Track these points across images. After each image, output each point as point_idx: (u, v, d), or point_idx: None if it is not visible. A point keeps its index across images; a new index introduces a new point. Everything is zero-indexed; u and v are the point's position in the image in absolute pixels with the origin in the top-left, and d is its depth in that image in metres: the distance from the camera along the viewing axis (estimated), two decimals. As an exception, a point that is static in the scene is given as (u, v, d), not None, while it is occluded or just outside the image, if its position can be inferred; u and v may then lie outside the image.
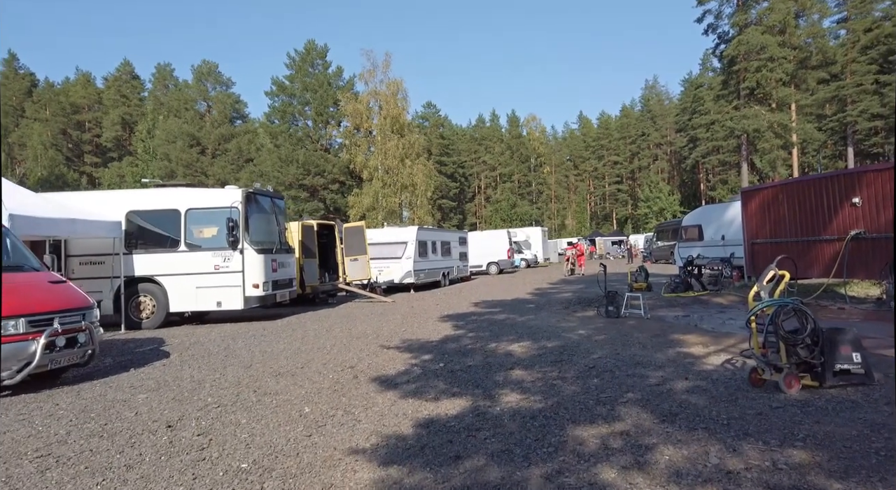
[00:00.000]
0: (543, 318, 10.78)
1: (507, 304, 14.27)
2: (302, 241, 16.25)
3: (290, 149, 50.56)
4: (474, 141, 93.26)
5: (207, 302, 12.33)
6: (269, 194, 13.77)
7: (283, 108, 52.95)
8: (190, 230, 12.45)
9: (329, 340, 9.12)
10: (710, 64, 73.44)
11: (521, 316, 11.40)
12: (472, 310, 13.20)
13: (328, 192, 52.46)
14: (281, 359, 7.62)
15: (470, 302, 15.35)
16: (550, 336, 8.47)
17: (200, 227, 12.60)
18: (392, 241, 21.33)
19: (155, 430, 4.51)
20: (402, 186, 48.71)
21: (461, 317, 11.74)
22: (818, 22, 41.68)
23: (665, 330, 8.57)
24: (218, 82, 58.04)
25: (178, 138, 52.78)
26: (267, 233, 13.36)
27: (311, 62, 53.72)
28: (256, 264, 12.44)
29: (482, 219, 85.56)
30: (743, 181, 40.82)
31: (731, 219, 18.18)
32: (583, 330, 8.96)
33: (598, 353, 6.93)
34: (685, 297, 13.55)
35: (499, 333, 9.01)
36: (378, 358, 7.39)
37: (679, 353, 6.80)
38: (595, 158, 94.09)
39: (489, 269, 31.50)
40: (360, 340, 8.99)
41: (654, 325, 9.24)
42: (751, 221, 14.48)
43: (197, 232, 12.54)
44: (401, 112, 48.63)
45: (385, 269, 21.01)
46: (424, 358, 7.22)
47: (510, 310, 12.72)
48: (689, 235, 20.37)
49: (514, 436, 3.96)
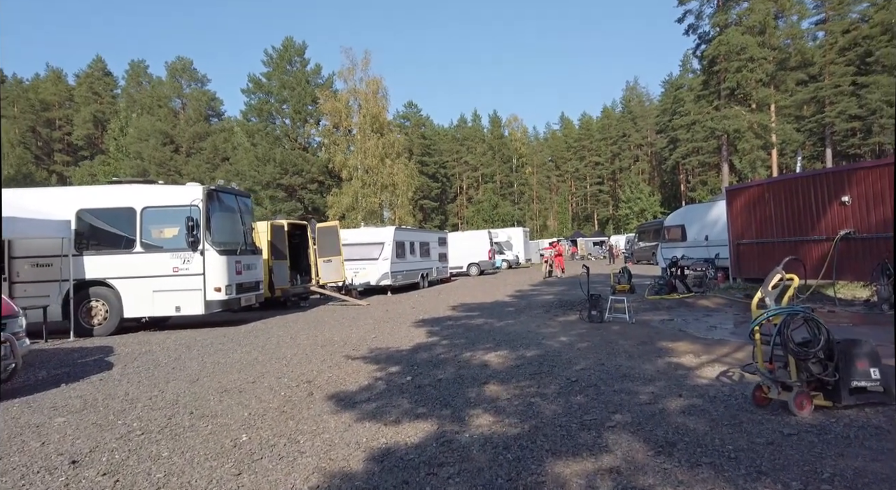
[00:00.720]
0: (523, 323, 10.17)
1: (487, 307, 13.65)
2: (271, 241, 15.46)
3: (268, 147, 49.40)
4: (456, 141, 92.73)
5: (165, 307, 11.50)
6: (233, 192, 12.96)
7: (260, 105, 51.74)
8: (147, 230, 11.61)
9: (291, 349, 8.39)
10: (690, 65, 73.94)
11: (500, 320, 10.78)
12: (449, 314, 12.55)
13: (306, 191, 51.39)
14: (233, 372, 6.88)
15: (448, 305, 14.71)
16: (530, 343, 7.86)
17: (158, 227, 11.77)
18: (368, 242, 20.60)
19: (55, 466, 3.76)
20: (383, 186, 47.92)
21: (437, 322, 11.08)
22: (797, 23, 41.93)
23: (652, 336, 8.02)
24: (193, 79, 56.50)
25: (151, 136, 51.20)
26: (231, 233, 12.56)
27: (288, 59, 52.60)
28: (218, 266, 11.65)
29: (464, 220, 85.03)
30: (723, 182, 40.83)
31: (715, 219, 17.81)
32: (564, 336, 8.37)
33: (581, 364, 6.32)
34: (670, 300, 13.06)
35: (475, 341, 8.37)
36: (340, 370, 6.69)
37: (669, 363, 6.23)
38: (576, 159, 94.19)
39: (470, 271, 30.89)
40: (325, 349, 8.27)
41: (639, 330, 8.69)
42: (736, 221, 14.07)
43: (154, 232, 11.71)
44: (381, 110, 47.84)
45: (361, 271, 20.28)
46: (391, 370, 6.54)
47: (489, 314, 12.09)
48: (672, 236, 19.98)
49: (484, 474, 3.31)
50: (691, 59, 73.02)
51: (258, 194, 50.10)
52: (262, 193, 50.02)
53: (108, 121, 65.94)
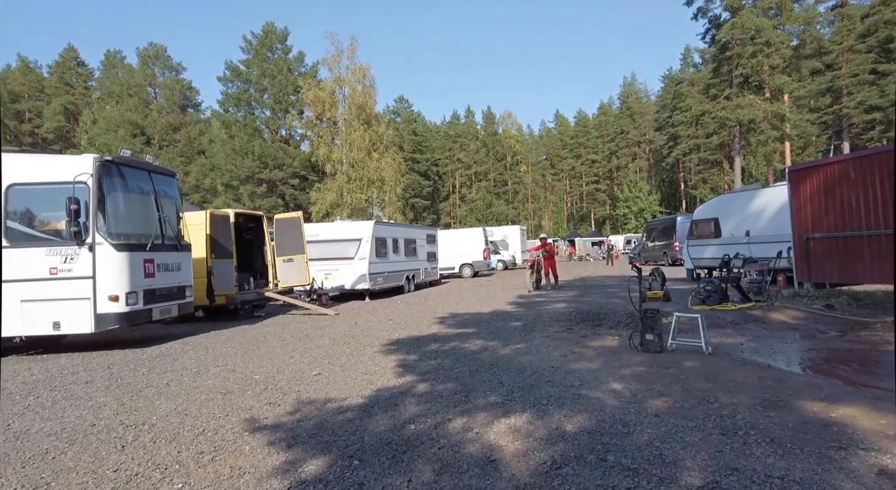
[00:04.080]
0: (540, 350, 6.99)
1: (484, 320, 10.47)
2: (211, 235, 12.19)
3: (246, 139, 45.94)
4: (448, 138, 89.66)
5: (38, 323, 8.27)
6: (145, 167, 9.69)
7: (238, 95, 48.24)
8: (14, 216, 8.37)
9: (173, 402, 5.17)
10: (692, 59, 71.41)
11: (505, 344, 7.60)
12: (434, 331, 9.35)
13: (288, 186, 48.03)
14: (34, 462, 3.65)
15: (435, 316, 11.53)
16: (563, 398, 4.69)
17: (30, 212, 8.53)
18: (343, 239, 17.38)
19: None
20: (370, 181, 44.68)
21: (417, 344, 7.89)
22: (813, 6, 39.08)
23: (768, 385, 4.85)
24: (166, 67, 52.83)
25: (120, 127, 47.61)
26: (138, 221, 9.32)
27: (269, 46, 49.20)
28: (115, 266, 8.45)
29: (457, 219, 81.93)
30: (736, 177, 37.90)
31: (759, 210, 14.77)
32: (617, 382, 5.19)
33: (689, 468, 3.15)
34: (723, 311, 9.95)
35: (471, 388, 5.19)
36: (211, 468, 3.49)
37: (866, 464, 3.08)
38: (572, 157, 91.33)
39: (462, 272, 27.68)
40: (225, 402, 5.06)
41: (734, 370, 5.51)
42: (803, 210, 10.99)
43: (23, 218, 8.46)
44: (368, 100, 44.61)
45: (334, 273, 17.08)
46: (304, 473, 3.35)
47: (488, 331, 8.91)
48: (702, 231, 16.87)
49: None
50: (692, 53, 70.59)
51: (236, 190, 46.70)
52: (241, 189, 46.62)
53: (80, 113, 62.28)
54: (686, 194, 72.63)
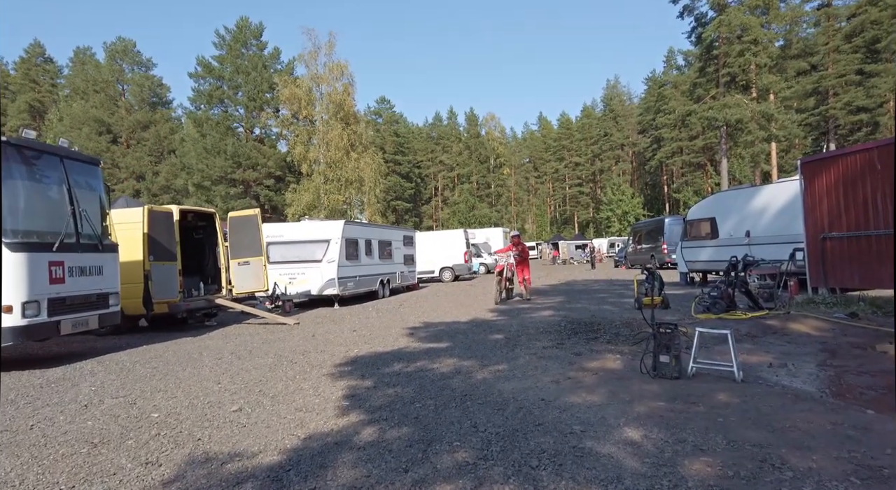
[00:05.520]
0: (526, 373, 5.63)
1: (461, 331, 9.09)
2: (150, 234, 10.63)
3: (218, 138, 43.98)
4: (431, 140, 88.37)
5: None
6: (56, 152, 8.15)
7: (210, 92, 46.26)
8: None
9: (12, 461, 3.69)
10: (675, 61, 71.09)
11: (484, 364, 6.22)
12: (402, 345, 7.95)
13: (262, 187, 46.17)
14: None
15: (406, 326, 10.13)
16: (559, 454, 3.32)
17: None
18: (310, 240, 15.91)
19: None
20: (348, 182, 43.09)
21: (376, 365, 6.48)
22: (800, 5, 38.54)
23: (847, 434, 3.55)
24: (135, 63, 50.61)
25: (85, 124, 45.32)
26: (43, 216, 7.77)
27: (244, 42, 47.35)
28: (10, 270, 6.90)
29: (439, 221, 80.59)
30: (723, 180, 37.08)
31: (760, 208, 13.65)
32: (631, 426, 3.83)
33: None
34: (731, 320, 8.72)
35: (432, 435, 3.79)
36: None
37: None
38: (556, 160, 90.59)
39: (442, 276, 26.28)
40: (87, 461, 3.59)
41: (783, 406, 4.19)
42: (819, 206, 9.82)
43: None
44: (346, 98, 43.05)
45: (299, 277, 15.59)
46: None
47: (464, 346, 7.53)
48: (698, 232, 15.70)
49: None
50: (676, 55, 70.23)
51: (208, 191, 44.70)
52: (214, 190, 44.60)
53: (46, 111, 59.61)
54: (669, 197, 72.18)
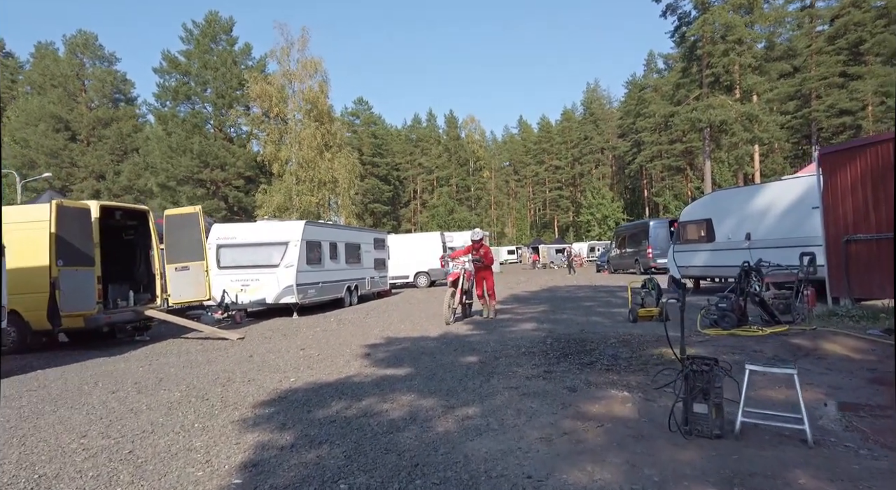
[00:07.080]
0: (505, 424, 4.14)
1: (428, 350, 7.57)
2: (59, 235, 8.91)
3: (184, 136, 41.84)
4: (410, 142, 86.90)
5: None
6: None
7: (176, 88, 44.08)
8: None
9: None
10: (656, 65, 70.85)
11: (449, 406, 4.72)
12: (351, 371, 6.40)
13: (231, 188, 44.10)
14: None
15: (364, 343, 8.59)
16: None
17: None
18: (266, 242, 14.27)
19: None
20: (321, 182, 41.32)
21: (307, 406, 4.93)
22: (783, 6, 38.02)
23: None
24: (97, 57, 48.13)
25: (41, 121, 42.76)
26: None
27: (212, 37, 45.31)
28: None
29: (418, 225, 79.04)
30: (706, 182, 36.27)
31: (763, 208, 12.42)
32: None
33: None
34: (745, 337, 7.38)
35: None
36: None
37: None
38: (536, 163, 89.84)
39: (417, 282, 24.78)
40: None
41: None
42: (842, 205, 8.55)
43: None
44: (320, 96, 41.31)
45: (252, 284, 13.93)
46: None
47: (428, 374, 6.01)
48: (692, 234, 14.45)
49: None
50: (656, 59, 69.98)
51: (173, 191, 42.50)
52: (179, 190, 42.41)
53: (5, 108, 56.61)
54: (650, 201, 71.78)
